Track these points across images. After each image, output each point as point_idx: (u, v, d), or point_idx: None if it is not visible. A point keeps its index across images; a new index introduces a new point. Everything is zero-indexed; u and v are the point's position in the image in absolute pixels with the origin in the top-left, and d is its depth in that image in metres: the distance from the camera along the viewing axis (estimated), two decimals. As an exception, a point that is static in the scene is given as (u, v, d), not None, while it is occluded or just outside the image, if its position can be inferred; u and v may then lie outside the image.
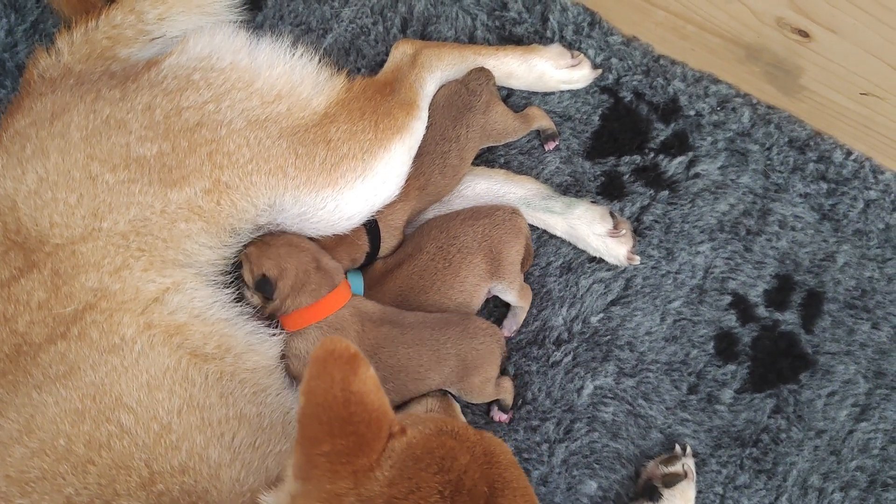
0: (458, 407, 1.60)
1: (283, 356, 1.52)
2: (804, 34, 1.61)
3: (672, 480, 1.60)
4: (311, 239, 1.57)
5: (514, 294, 1.65)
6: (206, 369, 1.31)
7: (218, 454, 1.23)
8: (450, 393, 1.60)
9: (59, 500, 1.17)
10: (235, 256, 1.50)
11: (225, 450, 1.24)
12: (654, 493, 1.60)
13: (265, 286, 1.49)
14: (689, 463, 1.63)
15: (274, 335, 1.47)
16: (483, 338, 1.57)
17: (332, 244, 1.58)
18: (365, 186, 1.51)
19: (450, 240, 1.63)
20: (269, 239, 1.53)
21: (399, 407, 1.57)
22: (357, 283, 1.63)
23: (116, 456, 1.19)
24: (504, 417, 1.67)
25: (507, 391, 1.63)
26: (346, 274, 1.61)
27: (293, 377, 1.50)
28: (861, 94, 1.67)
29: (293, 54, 1.54)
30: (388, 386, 1.40)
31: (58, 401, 1.22)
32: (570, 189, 1.80)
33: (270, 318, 1.55)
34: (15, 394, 1.23)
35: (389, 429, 0.99)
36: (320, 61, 1.57)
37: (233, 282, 1.51)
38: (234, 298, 1.47)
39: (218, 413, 1.27)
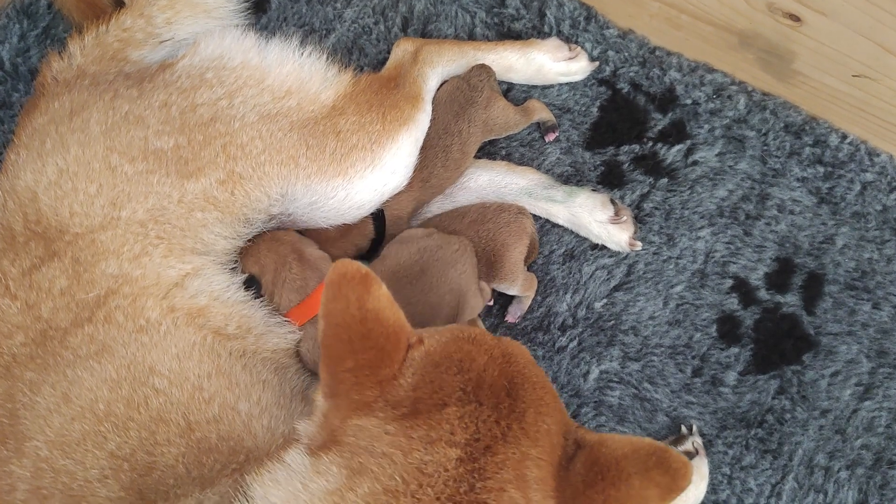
0: (479, 322, 1.61)
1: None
2: (795, 18, 1.65)
3: None
4: (318, 230, 1.60)
5: (517, 289, 1.68)
6: (230, 346, 1.36)
7: (248, 408, 1.29)
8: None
9: (103, 455, 1.21)
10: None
11: (253, 405, 1.30)
12: (669, 473, 1.62)
13: (253, 285, 1.51)
14: (697, 441, 1.66)
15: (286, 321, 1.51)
16: (458, 262, 1.56)
17: (339, 233, 1.62)
18: (374, 176, 1.54)
19: None
20: (259, 236, 1.55)
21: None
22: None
23: (154, 412, 1.24)
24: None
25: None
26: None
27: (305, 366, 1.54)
28: (853, 76, 1.71)
29: (302, 53, 1.58)
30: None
31: (93, 374, 1.27)
32: (570, 179, 1.83)
33: None
34: (47, 374, 1.27)
35: (408, 340, 1.03)
36: (328, 59, 1.61)
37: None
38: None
39: (244, 378, 1.33)
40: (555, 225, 1.80)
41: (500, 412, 0.99)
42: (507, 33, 1.90)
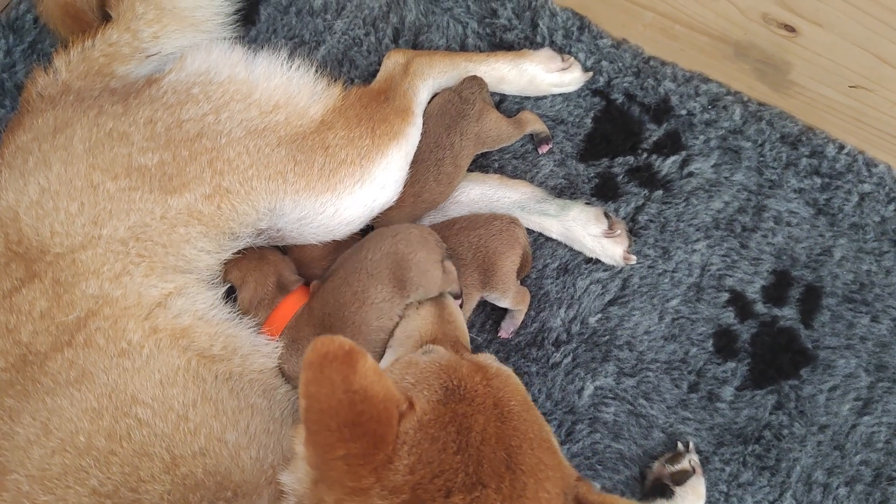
0: (451, 303, 1.53)
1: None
2: (790, 29, 1.63)
3: (682, 478, 1.60)
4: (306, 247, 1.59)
5: (509, 301, 1.65)
6: (216, 369, 1.34)
7: (235, 438, 1.25)
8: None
9: (84, 492, 1.18)
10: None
11: (241, 435, 1.27)
12: (666, 491, 1.60)
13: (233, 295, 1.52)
14: (694, 458, 1.64)
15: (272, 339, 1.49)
16: (399, 232, 1.53)
17: (328, 250, 1.60)
18: (363, 191, 1.53)
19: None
20: (249, 252, 1.55)
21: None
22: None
23: (137, 445, 1.21)
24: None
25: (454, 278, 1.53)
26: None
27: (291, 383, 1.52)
28: (850, 86, 1.68)
29: (290, 66, 1.57)
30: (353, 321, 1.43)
31: (73, 402, 1.24)
32: (564, 191, 1.81)
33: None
34: (27, 401, 1.25)
35: (398, 410, 0.97)
36: (316, 72, 1.59)
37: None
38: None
39: (231, 404, 1.30)
40: (548, 239, 1.77)
41: (503, 492, 0.96)
42: (499, 44, 1.88)
